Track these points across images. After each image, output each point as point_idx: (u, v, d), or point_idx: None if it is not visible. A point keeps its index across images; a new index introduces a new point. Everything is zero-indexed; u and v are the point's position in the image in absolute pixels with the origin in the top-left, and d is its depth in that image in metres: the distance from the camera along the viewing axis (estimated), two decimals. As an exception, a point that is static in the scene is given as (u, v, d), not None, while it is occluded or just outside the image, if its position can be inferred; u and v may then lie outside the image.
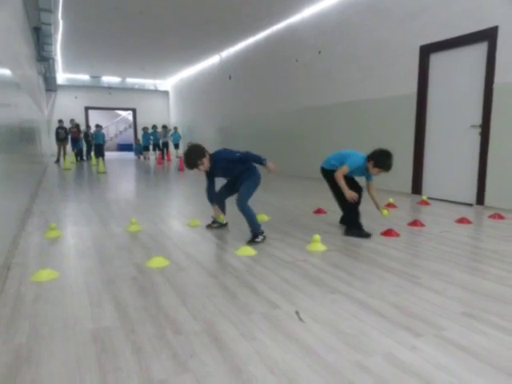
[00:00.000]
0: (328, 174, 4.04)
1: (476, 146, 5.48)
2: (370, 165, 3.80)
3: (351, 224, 4.00)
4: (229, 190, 4.00)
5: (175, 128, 17.79)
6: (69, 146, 15.56)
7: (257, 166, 3.78)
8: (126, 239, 3.78)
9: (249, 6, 8.34)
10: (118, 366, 1.67)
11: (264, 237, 3.67)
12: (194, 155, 3.58)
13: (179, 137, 17.59)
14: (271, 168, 3.64)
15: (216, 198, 3.94)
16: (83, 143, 16.35)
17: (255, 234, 3.64)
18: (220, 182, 4.04)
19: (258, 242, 3.57)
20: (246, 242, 3.56)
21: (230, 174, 3.87)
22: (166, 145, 17.28)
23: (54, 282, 2.65)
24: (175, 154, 17.46)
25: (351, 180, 4.07)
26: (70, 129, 15.67)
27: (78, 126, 16.03)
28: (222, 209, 4.01)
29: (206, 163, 3.62)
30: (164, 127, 17.55)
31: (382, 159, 3.74)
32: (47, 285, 2.60)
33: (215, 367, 1.66)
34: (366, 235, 3.85)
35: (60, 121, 15.35)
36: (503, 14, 5.01)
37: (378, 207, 4.10)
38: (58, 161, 14.69)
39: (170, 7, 8.49)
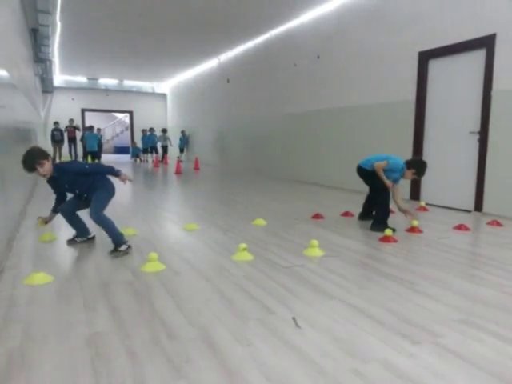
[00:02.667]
0: (365, 172, 4.59)
1: (474, 153, 5.49)
2: (410, 172, 4.30)
3: (379, 219, 4.36)
4: (78, 201, 3.67)
5: (183, 132, 17.18)
6: (65, 148, 15.45)
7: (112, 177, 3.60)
8: (121, 242, 3.74)
9: (248, 10, 8.36)
10: (112, 370, 1.65)
11: (128, 246, 3.36)
12: (32, 155, 3.27)
13: (186, 140, 17.14)
14: (124, 178, 3.48)
15: (64, 210, 3.62)
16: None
17: (116, 244, 3.34)
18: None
19: (120, 252, 3.29)
20: (109, 253, 3.32)
21: (79, 188, 3.57)
22: (165, 148, 17.05)
23: (48, 286, 2.62)
24: (175, 157, 17.14)
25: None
26: (66, 127, 15.56)
27: (75, 127, 15.90)
28: (77, 223, 3.68)
29: (46, 167, 3.28)
30: (164, 131, 17.33)
31: (422, 168, 4.31)
32: (41, 288, 2.57)
33: (210, 373, 1.64)
34: (392, 230, 4.17)
35: (56, 123, 15.25)
36: (501, 22, 5.04)
37: (400, 207, 4.50)
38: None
39: (168, 10, 8.49)
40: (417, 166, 4.31)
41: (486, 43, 5.21)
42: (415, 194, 6.39)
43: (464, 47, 5.51)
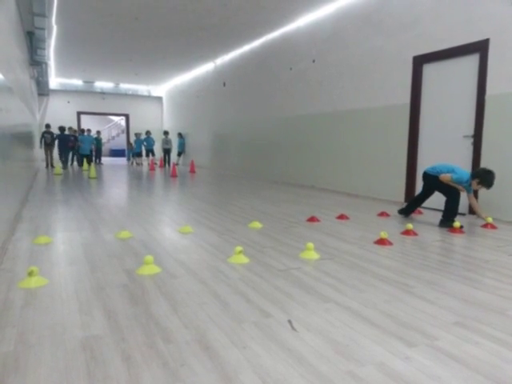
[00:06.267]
0: (431, 177, 4.92)
1: (468, 156, 5.53)
2: (475, 182, 4.56)
3: (448, 216, 4.71)
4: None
5: (180, 134, 17.01)
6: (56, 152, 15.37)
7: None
8: (116, 246, 3.74)
9: (244, 14, 8.38)
10: (108, 374, 1.64)
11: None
12: None
13: (183, 143, 16.96)
14: None
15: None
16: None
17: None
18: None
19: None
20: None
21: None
22: (167, 151, 16.80)
23: (43, 289, 2.60)
24: (176, 161, 17.04)
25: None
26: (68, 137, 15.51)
27: (76, 137, 15.75)
28: None
29: None
30: (166, 133, 17.16)
31: (486, 177, 4.47)
32: (36, 291, 2.56)
33: (206, 376, 1.63)
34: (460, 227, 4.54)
35: (47, 125, 14.95)
36: (494, 27, 5.08)
37: (479, 215, 4.94)
38: (47, 166, 14.58)
39: (165, 14, 8.51)
40: (480, 175, 4.51)
41: (480, 48, 5.26)
42: (410, 196, 6.40)
43: (458, 52, 5.55)
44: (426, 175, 5.08)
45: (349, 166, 7.67)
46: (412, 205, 5.38)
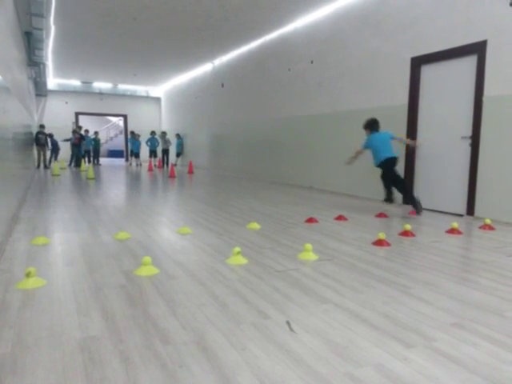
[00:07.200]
0: (395, 158, 5.67)
1: (466, 157, 5.54)
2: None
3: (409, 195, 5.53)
4: None
5: (177, 135, 17.02)
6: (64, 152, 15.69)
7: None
8: (114, 246, 3.73)
9: (242, 14, 8.39)
10: (106, 375, 1.64)
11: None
12: None
13: (182, 144, 16.99)
14: None
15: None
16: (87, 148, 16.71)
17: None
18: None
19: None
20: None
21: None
22: (166, 152, 16.81)
23: (41, 290, 2.60)
24: (175, 162, 17.12)
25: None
26: (73, 133, 15.77)
27: (82, 135, 15.98)
28: None
29: None
30: (163, 133, 17.21)
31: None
32: (34, 292, 2.55)
33: (204, 378, 1.63)
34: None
35: (41, 126, 14.89)
36: (492, 29, 5.10)
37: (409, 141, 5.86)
38: (39, 166, 14.59)
39: (163, 15, 8.51)
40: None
41: (478, 49, 5.27)
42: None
43: (456, 53, 5.56)
44: (392, 159, 5.59)
45: (347, 166, 7.67)
46: (389, 190, 5.80)
